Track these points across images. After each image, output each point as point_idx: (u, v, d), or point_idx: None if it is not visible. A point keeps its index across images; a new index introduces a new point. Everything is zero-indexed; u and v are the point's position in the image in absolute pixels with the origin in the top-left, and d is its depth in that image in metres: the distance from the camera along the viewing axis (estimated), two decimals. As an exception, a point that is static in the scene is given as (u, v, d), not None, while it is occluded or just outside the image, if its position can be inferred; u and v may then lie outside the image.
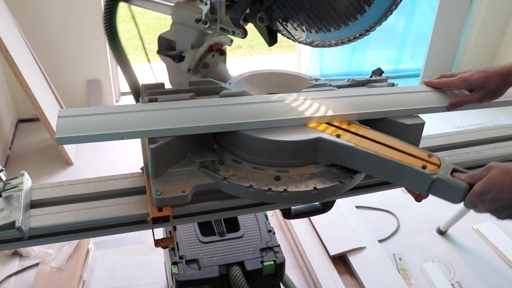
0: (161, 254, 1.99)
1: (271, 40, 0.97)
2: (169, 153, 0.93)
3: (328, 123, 1.01)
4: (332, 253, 2.02)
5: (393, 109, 1.05)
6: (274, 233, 1.47)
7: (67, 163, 2.80)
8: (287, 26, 0.92)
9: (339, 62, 4.25)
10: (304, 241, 2.07)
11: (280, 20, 0.91)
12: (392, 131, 1.01)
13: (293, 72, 1.19)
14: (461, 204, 0.89)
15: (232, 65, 1.26)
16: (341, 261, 2.04)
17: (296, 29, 0.93)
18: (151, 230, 0.92)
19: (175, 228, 1.37)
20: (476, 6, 3.85)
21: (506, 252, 2.26)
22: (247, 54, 5.42)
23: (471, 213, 2.23)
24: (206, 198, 0.98)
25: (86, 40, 3.13)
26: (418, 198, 1.09)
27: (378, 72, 1.20)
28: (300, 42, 0.96)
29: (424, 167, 0.89)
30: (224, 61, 1.18)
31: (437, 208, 2.48)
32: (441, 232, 2.37)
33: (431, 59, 3.95)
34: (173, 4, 1.10)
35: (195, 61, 1.07)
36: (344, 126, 1.00)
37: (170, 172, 0.94)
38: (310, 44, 0.95)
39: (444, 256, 2.25)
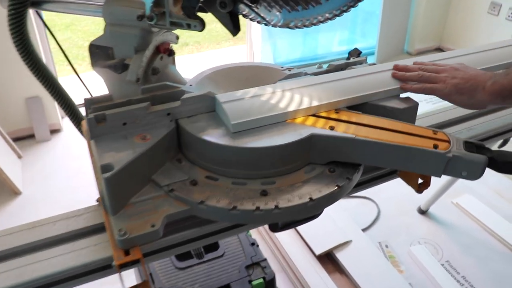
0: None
1: (235, 28, 0.81)
2: (130, 179, 0.75)
3: (314, 115, 0.86)
4: (317, 252, 1.89)
5: (385, 89, 0.93)
6: (258, 246, 1.32)
7: (14, 192, 2.52)
8: (257, 8, 0.76)
9: (291, 48, 4.13)
10: (287, 244, 1.93)
11: (249, 2, 0.74)
12: (383, 116, 0.88)
13: (261, 64, 1.03)
14: (440, 181, 0.84)
15: (181, 64, 1.08)
16: (328, 259, 1.91)
17: (269, 10, 0.77)
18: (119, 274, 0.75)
19: (151, 275, 1.20)
20: (421, -22, 3.83)
21: (488, 222, 2.22)
22: (195, 51, 5.21)
23: (449, 188, 2.17)
24: (181, 227, 0.82)
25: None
26: (420, 189, 0.97)
27: (356, 52, 1.06)
28: (274, 25, 0.81)
29: (435, 147, 0.77)
30: (174, 63, 1.00)
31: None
32: (422, 212, 2.30)
33: (384, 34, 3.90)
34: (102, 3, 0.91)
35: (143, 68, 0.89)
36: (334, 115, 0.86)
37: (133, 203, 0.77)
38: (287, 25, 0.80)
39: (429, 236, 2.17)
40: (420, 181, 0.97)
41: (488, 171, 0.79)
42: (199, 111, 0.86)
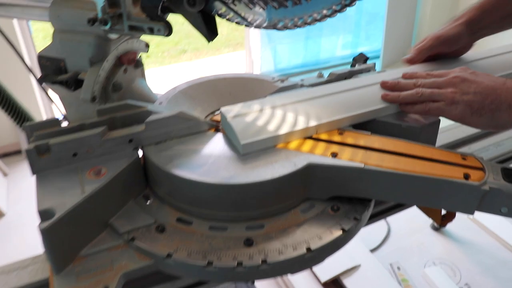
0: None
1: (210, 31, 0.64)
2: (78, 227, 0.59)
3: (312, 138, 0.70)
4: (323, 279, 1.71)
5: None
6: (253, 283, 1.14)
7: (-2, 213, 2.37)
8: (235, 6, 0.59)
9: (293, 53, 3.98)
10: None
11: (224, -2, 0.58)
12: (397, 137, 0.71)
13: (249, 75, 0.86)
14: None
15: (179, 73, 0.90)
16: (335, 286, 1.74)
17: (251, 8, 0.61)
18: None
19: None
20: (427, -23, 3.66)
21: (509, 239, 2.03)
22: (193, 58, 5.06)
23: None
24: (146, 283, 0.65)
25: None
26: (443, 222, 0.81)
27: (361, 58, 0.89)
28: (257, 26, 0.64)
29: (466, 177, 0.61)
30: (143, 76, 0.84)
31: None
32: (437, 228, 2.12)
33: (389, 37, 3.73)
34: (48, 5, 0.74)
35: (100, 84, 0.72)
36: (336, 138, 0.70)
37: (84, 256, 0.60)
38: (274, 26, 0.63)
39: (445, 256, 1.99)
40: (443, 212, 0.80)
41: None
42: (169, 136, 0.69)
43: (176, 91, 0.79)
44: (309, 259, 0.59)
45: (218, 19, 0.67)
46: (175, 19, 0.66)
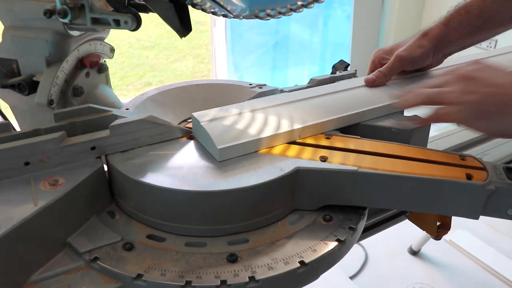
0: None
1: (184, 26, 0.58)
2: (28, 247, 0.50)
3: (296, 142, 0.64)
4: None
5: (386, 103, 0.71)
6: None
7: None
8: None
9: (259, 82, 3.96)
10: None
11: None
12: (387, 141, 0.66)
13: (225, 81, 0.80)
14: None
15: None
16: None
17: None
18: None
19: None
20: (388, 7, 3.78)
21: (486, 260, 2.00)
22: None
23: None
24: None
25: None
26: (439, 234, 0.75)
27: (342, 66, 0.85)
28: (236, 16, 0.58)
29: (469, 177, 0.54)
30: (107, 82, 0.76)
31: (402, 225, 2.18)
32: (414, 252, 2.07)
33: (355, 66, 3.78)
34: None
35: (58, 87, 0.64)
36: (324, 142, 0.64)
37: (35, 283, 0.51)
38: (256, 15, 0.57)
39: (425, 280, 1.93)
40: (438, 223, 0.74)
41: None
42: (137, 144, 0.61)
43: (144, 97, 0.72)
44: (303, 274, 0.51)
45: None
46: (139, 53, 0.60)
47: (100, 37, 0.71)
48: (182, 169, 0.58)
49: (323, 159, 0.59)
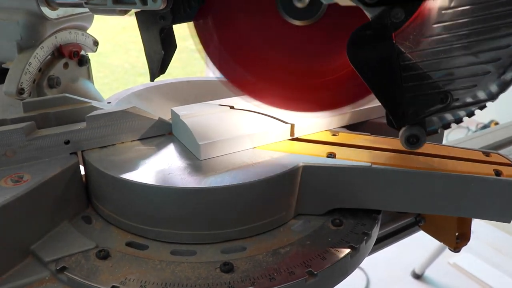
0: None
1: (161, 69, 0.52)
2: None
3: (299, 139, 0.56)
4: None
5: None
6: None
7: None
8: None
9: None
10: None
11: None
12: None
13: (218, 78, 0.73)
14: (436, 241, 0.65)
15: None
16: None
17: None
18: None
19: None
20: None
21: (492, 283, 1.92)
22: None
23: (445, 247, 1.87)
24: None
25: None
26: (458, 245, 0.67)
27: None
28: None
29: (498, 173, 0.48)
30: (89, 77, 0.68)
31: (404, 247, 2.09)
32: (417, 276, 1.97)
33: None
34: None
35: (31, 75, 0.56)
36: (331, 139, 0.56)
37: (-11, 298, 0.42)
38: None
39: (429, 305, 1.83)
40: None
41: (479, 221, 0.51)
42: (117, 139, 0.54)
43: (130, 91, 0.64)
44: (312, 286, 0.43)
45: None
46: (134, 80, 0.53)
47: (81, 25, 0.64)
48: (167, 166, 0.50)
49: (331, 155, 0.52)
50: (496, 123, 3.01)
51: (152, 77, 0.54)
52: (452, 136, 2.99)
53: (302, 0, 0.50)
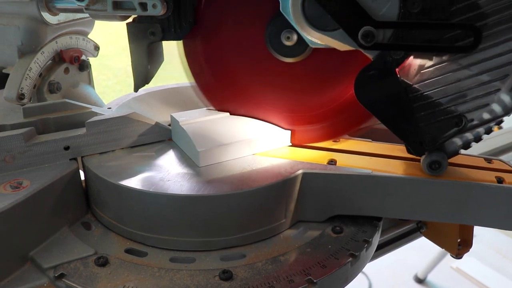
0: None
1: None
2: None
3: (300, 145, 0.56)
4: None
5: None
6: None
7: None
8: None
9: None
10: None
11: None
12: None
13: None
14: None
15: None
16: None
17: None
18: None
19: None
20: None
21: (494, 287, 1.90)
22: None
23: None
24: None
25: None
26: (460, 252, 0.67)
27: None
28: None
29: (500, 181, 0.47)
30: (89, 82, 0.68)
31: (407, 252, 2.08)
32: (420, 280, 1.96)
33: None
34: None
35: (31, 80, 0.57)
36: (331, 145, 0.56)
37: (-13, 305, 0.42)
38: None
39: (432, 310, 1.82)
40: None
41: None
42: (117, 145, 0.53)
43: (129, 97, 0.64)
44: (312, 295, 0.42)
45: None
46: None
47: (82, 31, 0.65)
48: (167, 172, 0.50)
49: (332, 162, 0.52)
50: (500, 127, 2.99)
51: (136, 88, 0.55)
52: (455, 139, 2.98)
53: (290, 38, 0.50)
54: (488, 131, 0.46)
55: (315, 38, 0.46)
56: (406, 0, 0.42)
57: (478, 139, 0.47)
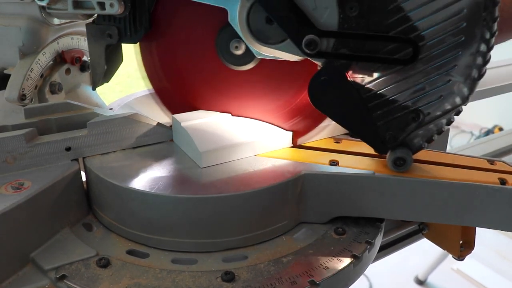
0: None
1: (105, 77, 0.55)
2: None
3: (301, 146, 0.56)
4: None
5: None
6: None
7: None
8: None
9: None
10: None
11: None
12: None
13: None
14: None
15: None
16: None
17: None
18: None
19: None
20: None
21: (496, 290, 1.90)
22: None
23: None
24: None
25: None
26: (462, 254, 0.67)
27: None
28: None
29: (503, 182, 0.47)
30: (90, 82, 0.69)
31: (408, 253, 2.08)
32: (421, 282, 1.96)
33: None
34: None
35: (33, 81, 0.57)
36: (333, 146, 0.56)
37: (-12, 306, 0.42)
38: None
39: (432, 311, 1.82)
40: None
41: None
42: (119, 146, 0.53)
43: (131, 97, 0.64)
44: (314, 296, 0.42)
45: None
46: (137, 83, 0.55)
47: (83, 31, 0.64)
48: (169, 173, 0.49)
49: (334, 163, 0.52)
50: (500, 128, 2.99)
51: (94, 86, 0.56)
52: (456, 141, 2.98)
53: (238, 48, 0.50)
54: (449, 122, 0.47)
55: (261, 51, 0.46)
56: (344, 5, 0.42)
57: (440, 131, 0.47)
